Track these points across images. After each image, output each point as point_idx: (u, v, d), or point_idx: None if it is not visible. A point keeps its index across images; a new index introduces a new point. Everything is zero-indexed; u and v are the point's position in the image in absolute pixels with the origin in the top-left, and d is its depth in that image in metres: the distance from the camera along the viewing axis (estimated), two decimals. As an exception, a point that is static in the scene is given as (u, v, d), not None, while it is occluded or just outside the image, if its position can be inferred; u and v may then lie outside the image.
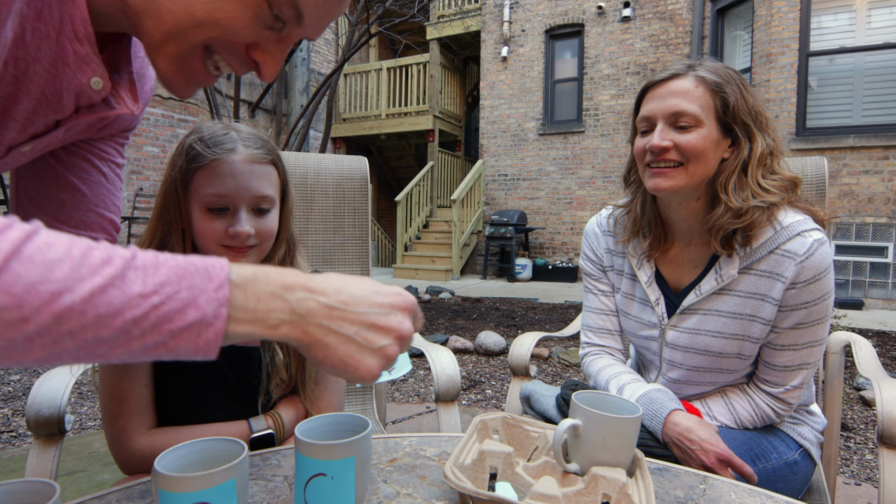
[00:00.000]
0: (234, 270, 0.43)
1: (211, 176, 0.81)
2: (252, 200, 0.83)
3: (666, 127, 0.93)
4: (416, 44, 8.22)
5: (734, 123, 0.91)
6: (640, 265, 1.06)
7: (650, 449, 0.90)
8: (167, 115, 7.08)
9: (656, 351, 1.06)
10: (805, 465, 0.99)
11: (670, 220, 1.03)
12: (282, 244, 0.94)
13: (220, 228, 0.82)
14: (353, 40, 5.07)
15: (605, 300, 1.15)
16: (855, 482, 2.05)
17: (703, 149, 0.90)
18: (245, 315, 0.43)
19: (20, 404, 2.69)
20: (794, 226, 0.90)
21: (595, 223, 1.16)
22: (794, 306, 0.91)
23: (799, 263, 0.88)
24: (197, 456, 0.57)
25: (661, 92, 0.94)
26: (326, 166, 1.45)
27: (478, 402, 2.96)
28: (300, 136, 5.00)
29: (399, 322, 0.50)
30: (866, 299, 5.50)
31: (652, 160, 0.94)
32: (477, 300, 6.01)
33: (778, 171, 0.94)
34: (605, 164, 7.68)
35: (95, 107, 0.58)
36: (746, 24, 6.34)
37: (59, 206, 0.68)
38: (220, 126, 0.86)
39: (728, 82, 0.92)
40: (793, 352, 0.95)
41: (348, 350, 0.47)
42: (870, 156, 5.41)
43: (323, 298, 0.47)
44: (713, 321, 0.97)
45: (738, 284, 0.94)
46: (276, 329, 0.44)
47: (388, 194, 11.15)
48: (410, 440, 0.82)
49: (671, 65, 0.97)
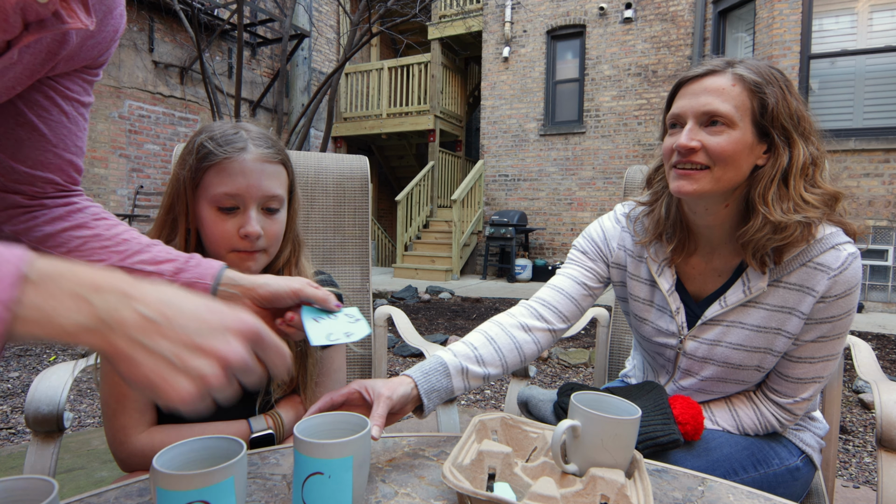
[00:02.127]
0: (36, 264, 0.39)
1: (222, 174, 0.82)
2: (262, 199, 0.84)
3: (696, 126, 0.86)
4: (418, 43, 8.21)
5: (772, 128, 0.84)
6: (661, 271, 1.00)
7: (656, 439, 0.87)
8: (168, 114, 7.09)
9: (670, 358, 1.02)
10: (806, 470, 0.98)
11: (695, 227, 0.96)
12: (287, 244, 0.94)
13: (231, 230, 0.82)
14: (355, 40, 5.07)
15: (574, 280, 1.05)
16: (853, 485, 2.05)
17: (732, 153, 0.83)
18: (34, 315, 0.38)
19: (19, 401, 2.69)
20: (828, 238, 0.85)
21: (614, 217, 1.09)
22: (820, 320, 0.88)
23: (832, 277, 0.84)
24: (195, 454, 0.57)
25: (695, 89, 0.87)
26: (327, 165, 1.45)
27: (477, 403, 2.96)
28: (301, 134, 5.01)
29: (227, 345, 0.44)
30: (866, 302, 5.50)
31: (678, 161, 0.87)
32: (477, 300, 6.01)
33: (819, 183, 0.86)
34: (605, 166, 7.68)
35: (46, 22, 0.55)
36: (748, 26, 6.34)
37: (16, 144, 0.65)
38: (231, 125, 0.86)
39: (769, 83, 0.84)
40: (809, 364, 0.92)
41: (158, 369, 0.41)
42: (870, 159, 5.41)
43: (141, 307, 0.41)
44: (736, 333, 0.93)
45: (766, 297, 0.90)
46: (74, 335, 0.39)
47: (389, 194, 11.15)
48: (409, 440, 0.82)
49: (708, 60, 0.88)
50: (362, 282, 1.47)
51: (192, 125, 7.35)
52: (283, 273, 0.94)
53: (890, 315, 5.28)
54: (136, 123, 6.72)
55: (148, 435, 0.82)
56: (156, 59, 6.86)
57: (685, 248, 0.98)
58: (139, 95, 6.72)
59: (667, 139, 0.92)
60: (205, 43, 6.57)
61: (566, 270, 1.09)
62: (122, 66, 6.51)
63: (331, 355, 0.99)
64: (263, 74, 8.47)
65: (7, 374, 3.07)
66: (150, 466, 0.50)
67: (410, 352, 3.78)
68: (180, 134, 7.21)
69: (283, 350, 0.50)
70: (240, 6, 4.55)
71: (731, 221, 0.91)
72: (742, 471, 0.91)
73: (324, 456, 0.56)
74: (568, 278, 1.06)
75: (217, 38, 7.47)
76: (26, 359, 3.35)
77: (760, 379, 0.97)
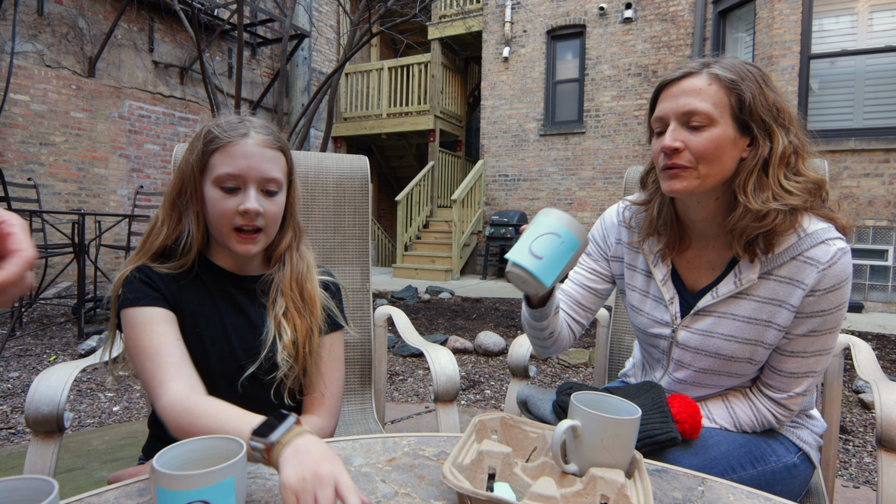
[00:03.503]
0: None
1: (226, 156, 0.88)
2: (261, 181, 0.89)
3: (678, 127, 0.90)
4: (418, 43, 8.21)
5: (751, 121, 0.87)
6: (656, 263, 1.04)
7: (654, 437, 0.88)
8: (168, 114, 7.08)
9: (665, 349, 1.04)
10: (804, 468, 0.99)
11: (689, 221, 1.00)
12: (288, 230, 0.99)
13: (232, 207, 0.88)
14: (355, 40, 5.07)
15: (584, 275, 1.14)
16: (853, 485, 2.05)
17: (714, 150, 0.87)
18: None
19: (19, 401, 2.69)
20: (819, 233, 0.88)
21: (615, 212, 1.14)
22: (810, 314, 0.90)
23: (821, 271, 0.87)
24: (195, 454, 0.57)
25: (674, 91, 0.91)
26: (327, 165, 1.45)
27: (477, 403, 2.96)
28: (301, 134, 5.01)
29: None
30: (866, 302, 5.50)
31: (667, 163, 0.91)
32: (477, 300, 6.01)
33: (802, 172, 0.89)
34: (605, 166, 7.68)
35: None
36: (748, 26, 6.34)
37: None
38: (236, 117, 0.93)
39: (744, 79, 0.87)
40: (801, 359, 0.93)
41: None
42: (870, 159, 5.41)
43: None
44: (727, 324, 0.95)
45: (756, 289, 0.92)
46: None
47: (389, 194, 11.15)
48: (409, 440, 0.82)
49: (686, 63, 0.93)
50: (362, 282, 1.47)
51: (192, 125, 7.35)
52: (284, 258, 0.99)
53: (890, 315, 5.28)
54: (136, 123, 6.72)
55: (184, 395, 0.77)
56: (156, 59, 6.86)
57: (678, 244, 1.03)
58: (139, 95, 6.72)
59: (654, 142, 0.96)
60: (205, 43, 6.57)
61: (572, 275, 1.15)
62: (122, 66, 6.51)
63: (331, 344, 1.02)
64: (263, 74, 8.47)
65: (7, 374, 3.07)
66: (150, 466, 0.50)
67: (410, 352, 3.78)
68: (180, 134, 7.21)
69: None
70: (240, 6, 4.55)
71: (721, 213, 0.94)
72: (740, 468, 0.91)
73: (568, 227, 0.63)
74: (573, 283, 1.14)
75: (217, 38, 7.46)
76: (26, 359, 3.35)
77: (754, 372, 0.98)
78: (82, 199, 6.16)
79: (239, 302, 0.96)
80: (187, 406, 0.74)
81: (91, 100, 6.19)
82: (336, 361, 1.02)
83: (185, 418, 0.73)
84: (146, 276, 0.88)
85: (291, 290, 0.96)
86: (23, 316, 4.22)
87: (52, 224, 4.30)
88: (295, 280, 0.97)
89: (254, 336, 0.94)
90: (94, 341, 3.56)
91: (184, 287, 0.91)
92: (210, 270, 0.95)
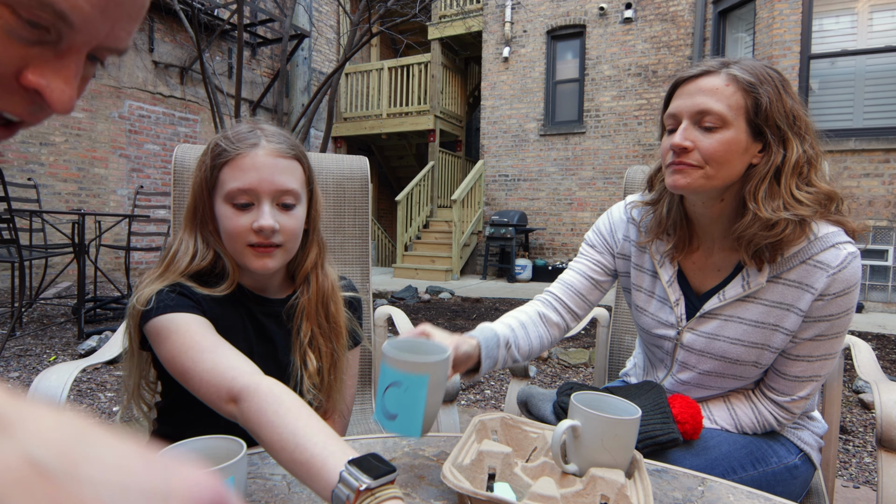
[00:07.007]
0: None
1: (235, 170, 0.82)
2: (275, 194, 0.83)
3: (690, 126, 0.88)
4: (418, 44, 8.20)
5: (766, 127, 0.85)
6: (662, 264, 1.03)
7: (655, 438, 0.88)
8: (168, 114, 7.08)
9: (669, 350, 1.03)
10: (805, 469, 0.99)
11: (697, 220, 0.98)
12: (312, 247, 0.93)
13: (246, 225, 0.81)
14: (355, 40, 5.07)
15: (588, 266, 1.11)
16: (853, 485, 2.05)
17: (724, 153, 0.85)
18: None
19: (19, 401, 2.69)
20: (829, 237, 0.86)
21: (622, 208, 1.12)
22: (818, 318, 0.89)
23: (831, 275, 0.85)
24: (195, 454, 0.57)
25: (690, 89, 0.88)
26: (327, 165, 1.45)
27: (476, 403, 2.96)
28: (301, 135, 5.01)
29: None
30: (866, 302, 5.50)
31: (674, 160, 0.89)
32: (477, 300, 6.01)
33: (814, 182, 0.87)
34: (605, 166, 7.68)
35: None
36: (748, 26, 6.34)
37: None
38: (247, 126, 0.87)
39: (763, 82, 0.85)
40: (807, 363, 0.92)
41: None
42: (870, 159, 5.41)
43: (34, 447, 0.20)
44: (734, 328, 0.94)
45: (764, 293, 0.91)
46: None
47: (389, 194, 11.15)
48: (409, 440, 0.82)
49: (705, 61, 0.90)
50: (362, 282, 1.47)
51: (192, 125, 7.35)
52: (309, 278, 0.92)
53: (890, 315, 5.28)
54: (136, 123, 6.72)
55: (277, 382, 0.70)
56: (156, 59, 6.86)
57: (686, 245, 1.01)
58: (139, 95, 6.72)
59: (665, 139, 0.94)
60: (205, 43, 6.57)
61: (575, 265, 1.14)
62: (122, 67, 6.51)
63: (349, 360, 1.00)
64: (263, 74, 8.47)
65: (7, 374, 3.07)
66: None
67: (410, 352, 3.78)
68: (180, 134, 7.21)
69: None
70: (240, 6, 4.55)
71: (728, 216, 0.93)
72: (741, 469, 0.91)
73: (403, 370, 0.63)
74: (576, 273, 1.12)
75: (217, 38, 7.46)
76: (26, 359, 3.35)
77: (758, 375, 0.98)
78: (82, 199, 6.16)
79: (267, 328, 0.91)
80: (277, 393, 0.63)
81: (91, 100, 6.19)
82: (352, 374, 1.00)
83: (272, 405, 0.61)
84: (183, 290, 0.82)
85: (318, 313, 0.91)
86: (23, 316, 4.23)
87: (52, 224, 4.30)
88: (321, 302, 0.92)
89: (278, 368, 0.90)
90: (94, 341, 3.56)
91: (219, 309, 0.85)
92: (241, 293, 0.90)
